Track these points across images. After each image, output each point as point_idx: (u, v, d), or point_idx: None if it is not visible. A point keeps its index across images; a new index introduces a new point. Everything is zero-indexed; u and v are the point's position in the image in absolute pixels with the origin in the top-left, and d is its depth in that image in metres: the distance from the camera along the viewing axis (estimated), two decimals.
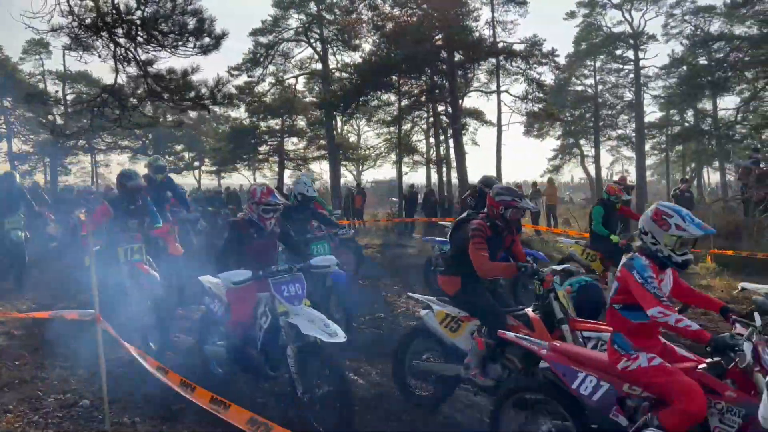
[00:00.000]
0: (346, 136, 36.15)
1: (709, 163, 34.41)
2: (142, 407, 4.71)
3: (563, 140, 37.04)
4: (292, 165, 31.80)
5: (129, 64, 11.00)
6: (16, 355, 5.96)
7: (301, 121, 31.27)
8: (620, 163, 42.11)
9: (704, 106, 31.46)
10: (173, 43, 10.86)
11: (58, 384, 5.14)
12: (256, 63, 28.56)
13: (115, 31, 10.43)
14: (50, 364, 5.67)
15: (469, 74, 25.98)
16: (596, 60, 34.50)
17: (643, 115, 32.90)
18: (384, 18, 24.40)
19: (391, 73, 23.62)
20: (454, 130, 24.67)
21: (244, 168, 34.62)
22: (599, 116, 34.50)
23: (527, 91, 25.56)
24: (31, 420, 4.43)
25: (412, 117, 29.00)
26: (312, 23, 28.35)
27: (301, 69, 30.62)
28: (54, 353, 6.05)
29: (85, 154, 38.25)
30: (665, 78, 32.19)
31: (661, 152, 37.20)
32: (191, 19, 10.92)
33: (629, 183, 19.11)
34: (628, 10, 31.85)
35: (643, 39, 31.78)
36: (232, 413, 3.29)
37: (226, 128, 33.04)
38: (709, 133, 29.91)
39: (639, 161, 32.81)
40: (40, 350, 6.16)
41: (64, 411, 4.61)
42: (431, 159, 30.59)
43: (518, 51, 24.43)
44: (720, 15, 29.28)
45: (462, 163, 24.06)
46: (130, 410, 4.64)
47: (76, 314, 4.39)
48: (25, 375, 5.36)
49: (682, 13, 30.76)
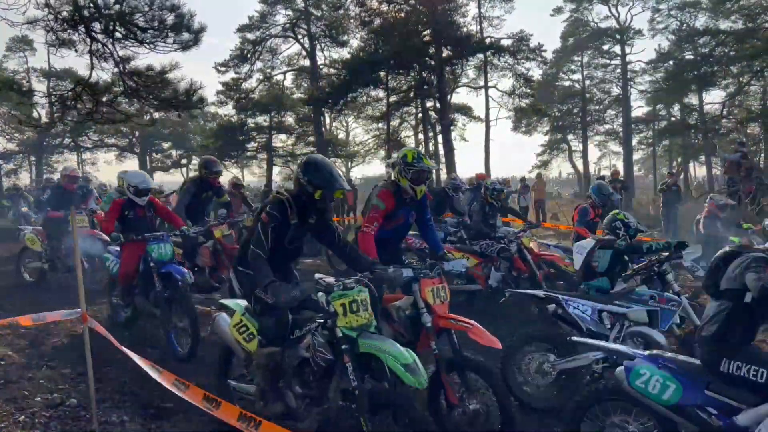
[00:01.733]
0: (334, 133, 36.11)
1: (696, 157, 34.70)
2: (130, 406, 4.66)
3: (551, 135, 37.23)
4: (281, 161, 31.69)
5: (106, 61, 10.87)
6: (2, 355, 5.88)
7: (290, 118, 31.20)
8: (608, 157, 42.45)
9: (690, 101, 31.70)
10: (152, 39, 10.74)
11: (45, 384, 5.08)
12: (244, 59, 28.44)
13: (92, 25, 10.29)
14: (37, 364, 5.61)
15: (457, 70, 26.01)
16: (583, 55, 34.68)
17: (630, 110, 33.16)
18: (372, 14, 24.35)
19: (380, 68, 23.59)
20: (443, 126, 24.70)
21: (232, 165, 34.45)
22: (587, 111, 34.69)
23: (515, 86, 25.69)
24: (17, 420, 4.37)
25: (401, 113, 29.01)
26: (299, 19, 28.26)
27: (289, 65, 30.59)
28: (41, 352, 6.00)
29: (72, 152, 37.95)
30: (652, 73, 32.42)
31: (648, 147, 37.47)
32: (169, 15, 10.80)
33: (621, 178, 19.21)
34: (615, 5, 32.08)
35: (630, 34, 32.00)
36: (223, 410, 3.26)
37: (214, 125, 32.86)
38: (695, 127, 30.12)
39: (626, 156, 33.06)
40: (27, 349, 6.09)
41: (51, 411, 4.55)
42: None
43: (506, 46, 24.50)
44: (705, 10, 29.50)
45: (451, 158, 24.10)
46: (118, 409, 4.59)
47: (59, 315, 4.34)
48: (11, 375, 5.29)
49: (668, 8, 30.98)
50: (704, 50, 28.26)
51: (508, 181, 24.17)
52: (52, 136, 33.58)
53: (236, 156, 31.38)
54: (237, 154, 31.03)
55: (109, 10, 10.33)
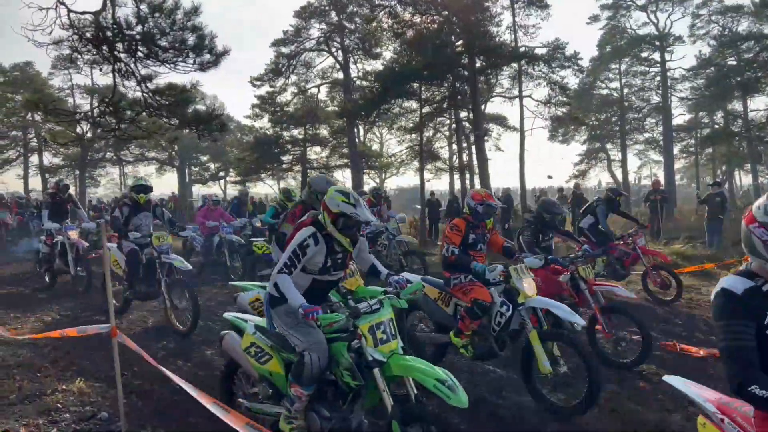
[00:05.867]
0: (368, 144, 36.21)
1: (741, 166, 33.56)
2: (159, 420, 4.66)
3: (589, 144, 36.56)
4: (316, 174, 31.92)
5: (128, 79, 11.15)
6: (39, 367, 5.99)
7: (324, 130, 31.44)
8: (648, 166, 41.45)
9: (734, 108, 30.73)
10: (173, 59, 10.97)
11: (77, 397, 5.13)
12: (279, 73, 28.82)
13: (115, 45, 10.56)
14: (71, 377, 5.68)
15: (491, 79, 25.78)
16: (621, 63, 33.96)
17: (670, 118, 32.24)
18: (404, 25, 24.36)
19: (413, 80, 23.52)
20: (477, 137, 24.45)
21: (268, 177, 34.88)
22: (626, 120, 33.94)
23: (550, 95, 25.28)
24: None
25: (434, 124, 28.88)
26: (333, 32, 28.51)
27: (323, 78, 30.81)
28: (76, 365, 6.08)
29: (114, 166, 39.07)
30: (693, 79, 31.55)
31: (690, 155, 36.45)
32: (191, 36, 11.03)
33: (662, 188, 18.70)
34: (653, 11, 31.35)
35: (669, 40, 31.17)
36: None
37: (250, 138, 33.39)
38: (739, 134, 29.14)
39: (667, 165, 32.13)
40: (60, 362, 6.18)
41: (82, 424, 4.59)
42: (454, 165, 30.39)
43: (540, 55, 24.16)
44: (748, 14, 28.63)
45: (485, 169, 23.81)
46: (147, 422, 4.59)
47: (91, 330, 4.38)
48: (45, 387, 5.37)
49: (708, 13, 30.16)
50: (748, 55, 27.42)
51: (545, 191, 23.78)
52: (94, 150, 34.67)
53: (272, 168, 31.77)
54: (272, 167, 31.41)
55: (131, 31, 10.59)
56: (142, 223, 8.03)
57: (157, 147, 35.65)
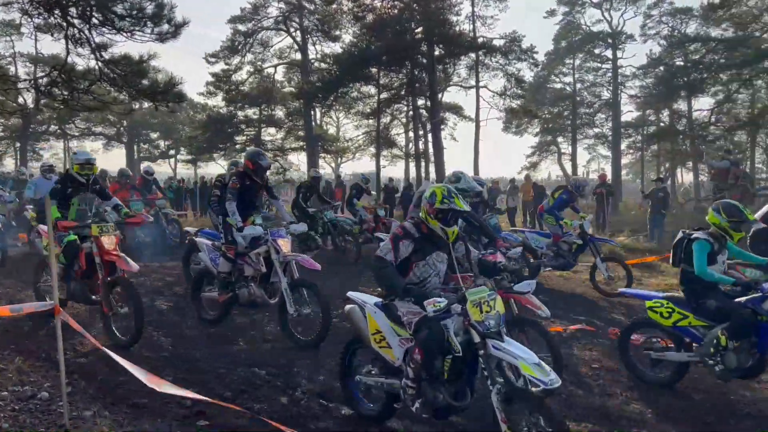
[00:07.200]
0: (324, 128, 35.91)
1: (683, 163, 34.94)
2: (103, 400, 4.56)
3: (541, 137, 37.31)
4: (270, 155, 31.46)
5: (82, 46, 10.70)
6: None
7: (280, 111, 30.94)
8: (596, 161, 42.61)
9: (679, 107, 31.91)
10: (130, 28, 10.60)
11: (15, 376, 4.96)
12: (234, 51, 28.20)
13: (68, 10, 10.13)
14: (8, 355, 5.49)
15: (448, 68, 25.94)
16: (575, 58, 34.76)
17: (619, 114, 33.29)
18: (365, 9, 24.21)
19: (371, 64, 23.47)
20: (433, 125, 24.65)
21: (220, 157, 34.14)
22: (577, 114, 34.79)
23: (506, 87, 25.67)
24: None
25: (392, 110, 28.90)
26: (292, 12, 28.04)
27: (281, 58, 30.32)
28: (14, 343, 5.87)
29: (58, 140, 37.47)
30: (642, 78, 32.60)
31: (636, 151, 37.72)
32: (149, 4, 10.67)
33: (608, 182, 19.34)
34: (608, 9, 32.20)
35: (622, 38, 32.13)
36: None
37: (203, 116, 32.58)
38: (683, 133, 30.33)
39: (615, 160, 33.20)
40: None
41: (21, 404, 4.44)
42: (410, 153, 30.53)
43: (498, 46, 24.47)
44: (697, 17, 29.69)
45: (440, 157, 24.06)
46: (90, 403, 4.49)
47: (33, 307, 4.24)
48: None
49: (659, 13, 31.18)
50: (694, 57, 28.45)
51: (497, 182, 24.21)
52: (38, 122, 33.13)
53: (224, 148, 31.10)
54: (225, 146, 30.74)
55: None
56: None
57: (104, 122, 34.35)
